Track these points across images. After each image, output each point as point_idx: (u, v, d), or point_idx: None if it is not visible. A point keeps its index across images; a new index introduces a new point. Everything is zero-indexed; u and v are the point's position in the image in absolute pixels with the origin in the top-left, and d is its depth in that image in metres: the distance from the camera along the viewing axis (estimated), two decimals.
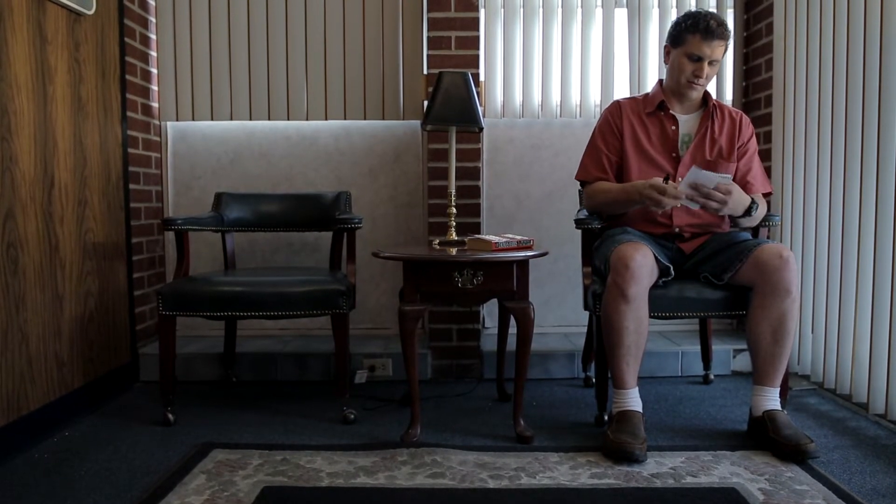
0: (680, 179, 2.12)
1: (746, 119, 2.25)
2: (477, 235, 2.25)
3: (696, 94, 2.17)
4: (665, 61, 2.22)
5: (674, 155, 2.18)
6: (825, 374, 2.39)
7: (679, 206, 2.00)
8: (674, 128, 2.19)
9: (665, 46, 2.20)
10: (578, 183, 2.33)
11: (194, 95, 2.86)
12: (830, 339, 2.35)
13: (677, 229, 2.15)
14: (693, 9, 2.84)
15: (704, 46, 2.06)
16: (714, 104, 2.21)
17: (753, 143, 2.23)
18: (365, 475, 1.72)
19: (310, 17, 2.84)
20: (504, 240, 2.02)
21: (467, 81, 2.25)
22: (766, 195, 2.23)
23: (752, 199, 2.07)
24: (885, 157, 2.03)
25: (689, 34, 2.08)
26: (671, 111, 2.20)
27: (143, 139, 2.75)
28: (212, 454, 1.86)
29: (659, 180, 1.97)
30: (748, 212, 2.05)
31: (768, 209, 2.24)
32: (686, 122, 2.21)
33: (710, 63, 2.09)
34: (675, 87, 2.18)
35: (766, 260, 1.89)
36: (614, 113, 2.24)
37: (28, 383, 1.98)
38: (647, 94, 2.28)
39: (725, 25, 2.08)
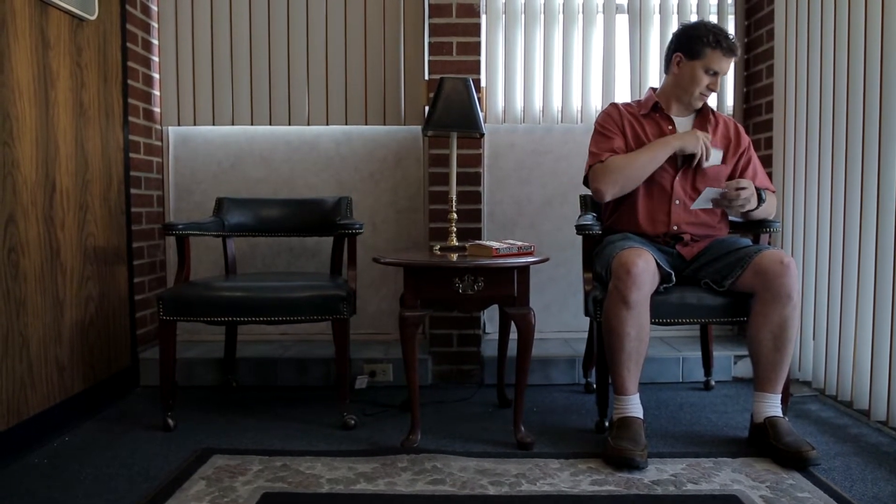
0: (676, 180, 2.15)
1: (741, 126, 2.29)
2: (478, 241, 2.25)
3: (699, 105, 2.22)
4: (671, 69, 2.20)
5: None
6: (826, 380, 2.39)
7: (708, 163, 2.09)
8: (670, 127, 2.21)
9: (675, 55, 2.17)
10: (580, 187, 2.34)
11: (196, 100, 2.87)
12: (832, 345, 2.35)
13: (675, 227, 2.15)
14: (694, 15, 2.87)
15: (724, 62, 2.12)
16: (709, 108, 2.25)
17: (752, 148, 2.27)
18: (365, 481, 1.72)
19: (311, 23, 2.85)
20: (505, 245, 2.02)
21: (468, 87, 2.26)
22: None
23: (758, 189, 2.10)
24: (885, 163, 2.03)
25: (711, 49, 2.09)
26: (668, 112, 2.23)
27: (144, 144, 2.75)
28: (212, 460, 1.85)
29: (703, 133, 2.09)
30: (759, 201, 2.09)
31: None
32: (682, 123, 2.23)
33: (717, 76, 2.15)
34: (683, 95, 2.19)
35: (767, 266, 1.89)
36: (613, 112, 2.26)
37: (28, 388, 1.98)
38: (639, 100, 2.31)
39: (736, 45, 2.14)
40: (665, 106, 2.23)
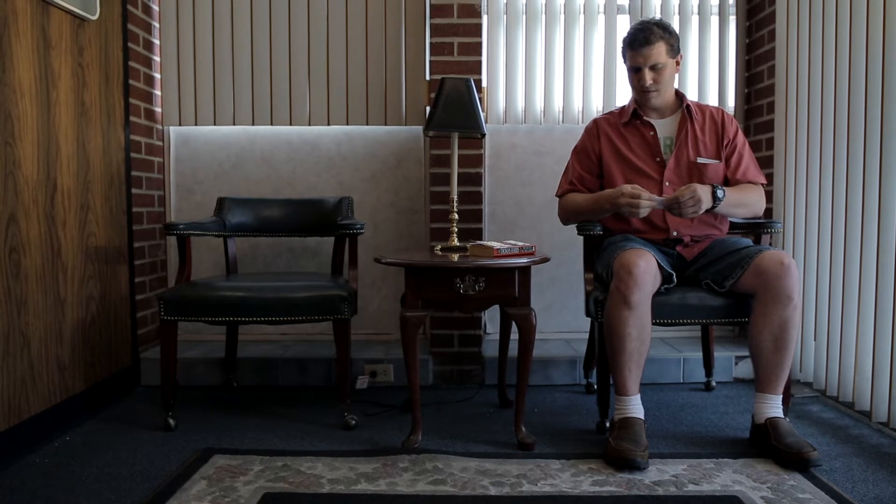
0: (667, 185, 2.14)
1: (728, 115, 2.25)
2: (479, 241, 2.25)
3: (654, 101, 2.19)
4: None
5: (658, 160, 2.19)
6: (827, 381, 2.38)
7: (657, 207, 2.02)
8: (652, 133, 2.21)
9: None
10: None
11: (197, 100, 2.87)
12: (833, 346, 2.34)
13: (675, 233, 2.15)
14: (695, 14, 2.88)
15: (636, 56, 2.14)
16: (689, 105, 2.21)
17: (740, 137, 2.23)
18: (366, 481, 1.71)
19: (312, 22, 2.85)
20: (506, 246, 2.02)
21: (469, 87, 2.26)
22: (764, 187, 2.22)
23: (713, 185, 2.04)
24: (887, 163, 2.03)
25: (624, 48, 2.19)
26: (645, 118, 2.22)
27: (145, 144, 2.75)
28: (213, 460, 1.85)
29: (629, 187, 2.01)
30: (714, 197, 2.02)
31: (770, 205, 2.25)
32: (664, 125, 2.22)
33: (652, 68, 2.13)
34: (637, 98, 2.23)
35: (768, 267, 1.89)
36: (591, 133, 2.30)
37: (29, 387, 1.98)
38: (623, 107, 2.31)
39: (649, 30, 2.11)
40: (643, 111, 2.23)
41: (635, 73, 2.17)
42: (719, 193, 2.02)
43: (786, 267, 1.87)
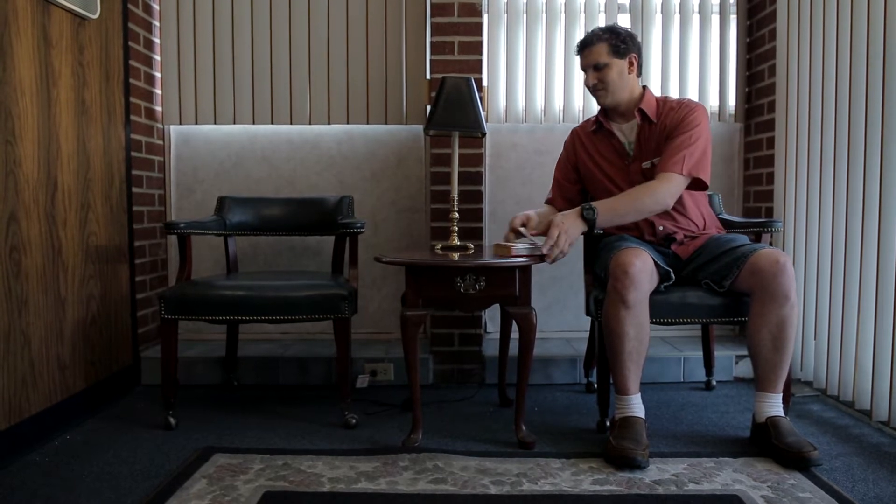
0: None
1: (688, 106, 2.11)
2: (499, 242, 2.22)
3: (604, 101, 2.19)
4: None
5: (626, 163, 2.20)
6: (828, 380, 2.38)
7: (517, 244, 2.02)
8: (614, 139, 2.22)
9: None
10: None
11: (197, 99, 2.87)
12: (833, 345, 2.34)
13: (661, 227, 2.15)
14: (696, 13, 2.88)
15: (581, 60, 2.23)
16: (643, 107, 2.14)
17: (686, 126, 2.05)
18: (366, 480, 1.72)
19: (313, 22, 2.85)
20: (524, 245, 1.99)
21: (470, 86, 2.26)
22: (700, 183, 2.05)
23: (582, 206, 1.97)
24: (887, 162, 2.03)
25: None
26: (607, 125, 2.23)
27: (146, 143, 2.75)
28: (213, 458, 1.85)
29: (517, 217, 2.09)
30: (583, 216, 1.95)
31: (771, 205, 2.22)
32: (625, 130, 2.22)
33: (595, 68, 2.16)
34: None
35: (763, 266, 1.88)
36: (567, 147, 2.37)
37: (30, 386, 1.98)
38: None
39: (592, 33, 2.20)
40: (609, 116, 2.23)
41: (586, 74, 2.21)
42: (586, 214, 1.95)
43: (781, 265, 1.86)
